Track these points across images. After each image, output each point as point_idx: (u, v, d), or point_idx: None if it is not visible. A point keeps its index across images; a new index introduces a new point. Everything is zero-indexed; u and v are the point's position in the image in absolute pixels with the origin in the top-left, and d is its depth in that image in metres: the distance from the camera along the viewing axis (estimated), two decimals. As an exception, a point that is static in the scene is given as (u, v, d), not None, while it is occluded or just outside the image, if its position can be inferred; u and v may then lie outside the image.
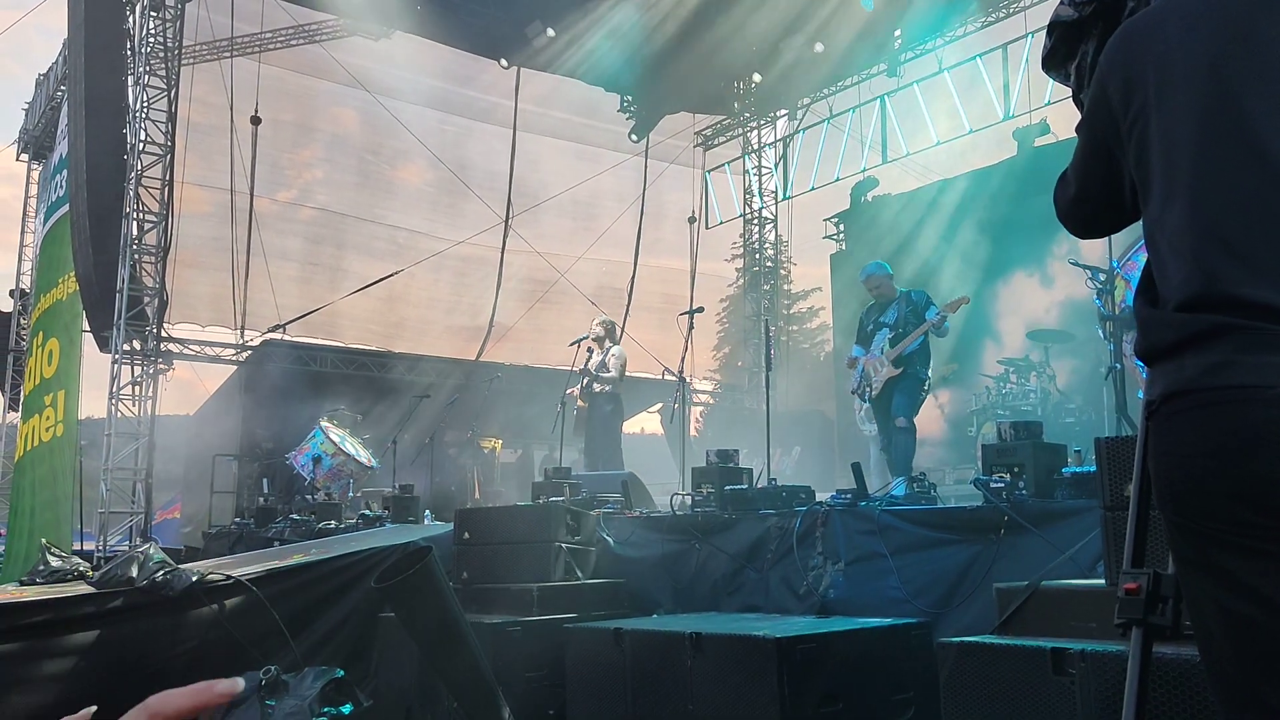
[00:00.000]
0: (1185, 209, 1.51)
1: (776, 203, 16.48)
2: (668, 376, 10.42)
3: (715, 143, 16.87)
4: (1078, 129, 1.77)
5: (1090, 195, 1.78)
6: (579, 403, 9.42)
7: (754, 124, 16.48)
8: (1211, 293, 1.44)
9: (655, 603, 5.62)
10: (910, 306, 7.59)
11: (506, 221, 15.45)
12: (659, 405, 14.24)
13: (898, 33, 13.19)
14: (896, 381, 7.52)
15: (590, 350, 9.56)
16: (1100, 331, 7.52)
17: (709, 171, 16.64)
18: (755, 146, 16.56)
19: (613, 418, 9.43)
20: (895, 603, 4.57)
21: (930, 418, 8.52)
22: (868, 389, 7.72)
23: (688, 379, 9.42)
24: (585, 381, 9.39)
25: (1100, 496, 3.45)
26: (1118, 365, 6.75)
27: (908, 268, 11.61)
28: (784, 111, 15.99)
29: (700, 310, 9.21)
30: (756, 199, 16.51)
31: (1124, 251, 7.98)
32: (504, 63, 14.38)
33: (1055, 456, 4.64)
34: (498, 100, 15.35)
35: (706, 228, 16.66)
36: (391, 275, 14.54)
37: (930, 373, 7.77)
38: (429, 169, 15.12)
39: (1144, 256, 1.63)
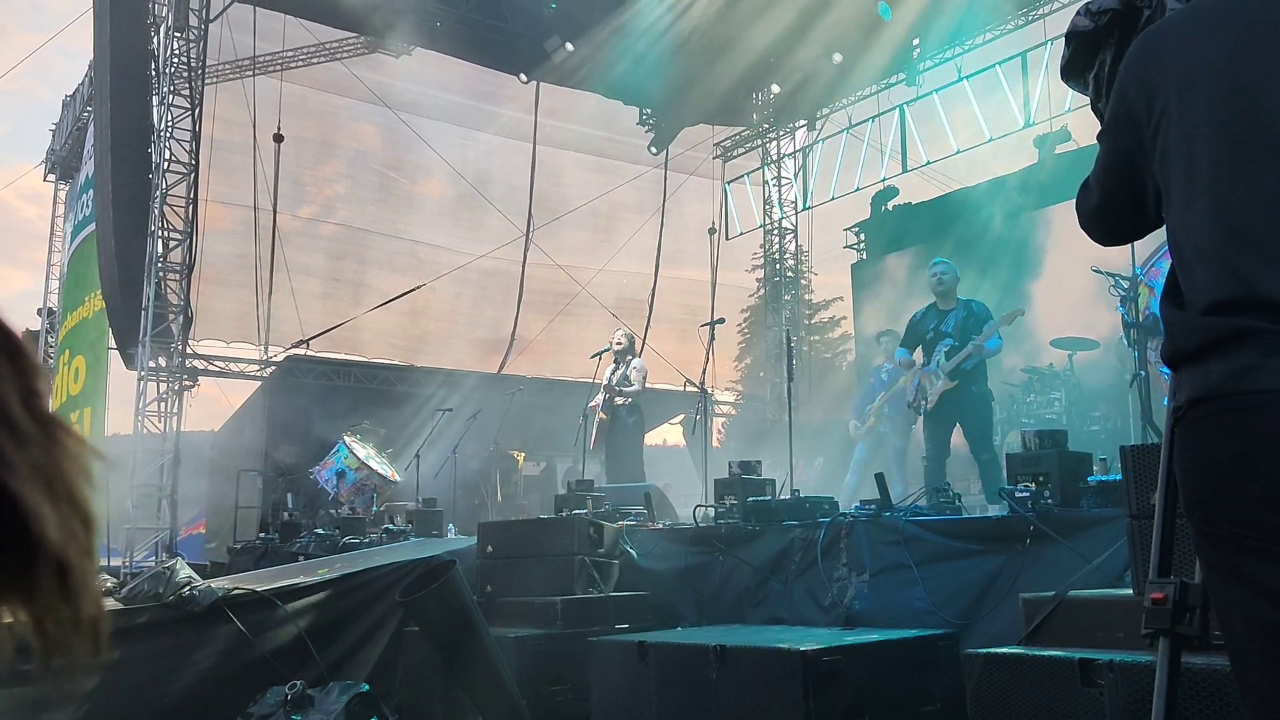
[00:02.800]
0: (1208, 211, 1.51)
1: (796, 213, 16.46)
2: (689, 388, 10.41)
3: (735, 154, 16.89)
4: (1099, 137, 1.77)
5: (1114, 202, 1.78)
6: (600, 415, 9.43)
7: (773, 135, 16.48)
8: (1238, 295, 1.43)
9: (679, 615, 5.61)
10: (972, 318, 7.28)
11: (527, 235, 15.51)
12: (680, 416, 14.23)
13: (916, 42, 13.17)
14: (957, 402, 7.17)
15: (614, 363, 9.59)
16: (1124, 338, 7.46)
17: (728, 183, 16.65)
18: (774, 157, 16.57)
19: (635, 430, 9.44)
20: (921, 614, 4.55)
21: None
22: (923, 402, 7.40)
23: (709, 390, 9.42)
24: (607, 394, 9.41)
25: (1126, 505, 3.43)
26: (1142, 372, 6.70)
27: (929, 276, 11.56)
28: (803, 122, 16.00)
29: (721, 321, 9.21)
30: (776, 209, 16.50)
31: (1147, 258, 7.93)
32: (523, 77, 14.46)
33: (1080, 465, 4.61)
34: (517, 115, 15.43)
35: (727, 239, 16.66)
36: (413, 290, 14.61)
37: (990, 385, 7.42)
38: (449, 184, 15.21)
39: (1168, 262, 1.63)
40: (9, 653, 0.48)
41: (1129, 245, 6.89)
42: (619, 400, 9.35)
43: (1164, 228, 1.67)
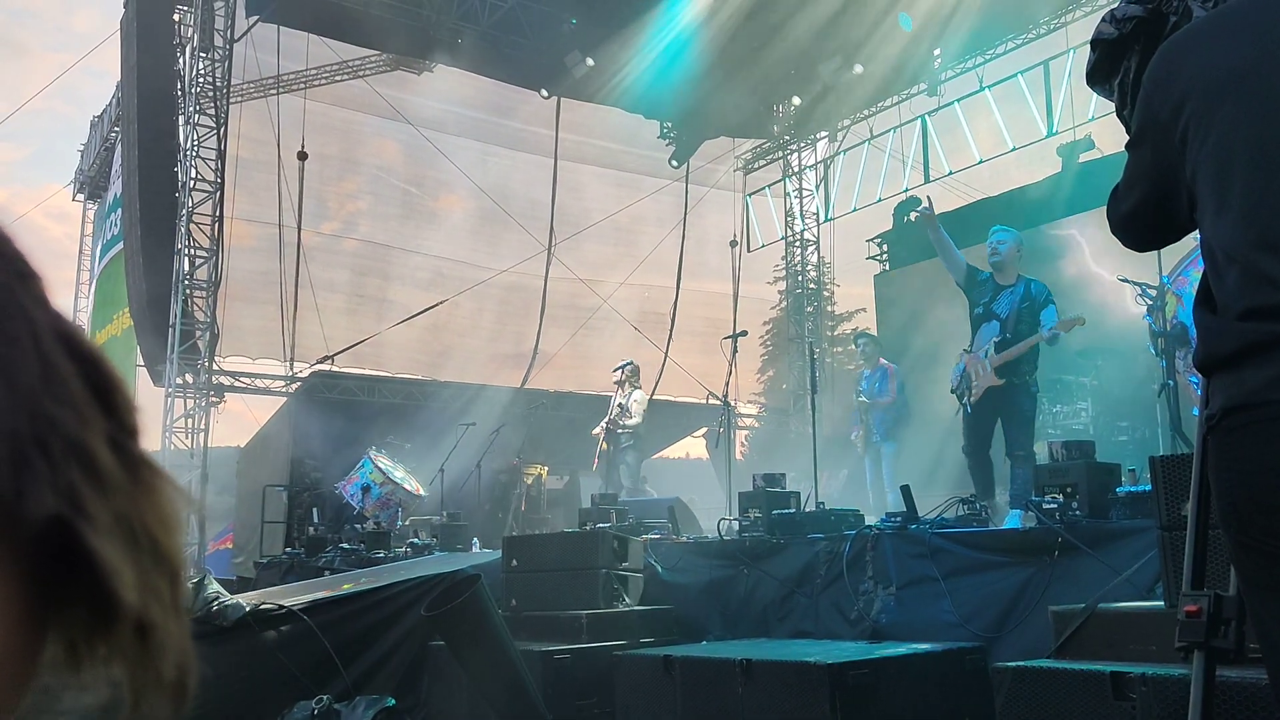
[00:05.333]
0: (1240, 217, 1.50)
1: (818, 224, 16.43)
2: (712, 400, 10.43)
3: (756, 166, 16.89)
4: (1128, 146, 1.76)
5: (1145, 209, 1.77)
6: (602, 445, 9.79)
7: (794, 147, 16.47)
8: (1273, 301, 1.42)
9: (704, 629, 5.59)
10: (1028, 301, 6.58)
11: (549, 249, 15.56)
12: (703, 429, 14.20)
13: (937, 52, 13.15)
14: (1002, 397, 6.54)
15: (618, 390, 10.00)
16: (1152, 348, 7.39)
17: (750, 195, 16.65)
18: (796, 169, 16.56)
19: (629, 455, 9.82)
20: (948, 627, 4.51)
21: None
22: (967, 393, 6.73)
23: (732, 403, 9.41)
24: (607, 424, 9.76)
25: (1156, 516, 3.39)
26: (1171, 382, 6.63)
27: (953, 287, 11.50)
28: (824, 134, 15.98)
29: (743, 334, 9.22)
30: (798, 221, 16.49)
31: (1174, 267, 7.85)
32: (544, 93, 14.53)
33: (1109, 476, 4.58)
34: (538, 130, 15.50)
35: (748, 251, 16.65)
36: (436, 305, 14.68)
37: (1038, 378, 6.81)
38: (471, 199, 15.29)
39: (1195, 272, 1.62)
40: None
41: (1156, 254, 6.83)
42: (620, 431, 9.72)
43: (1195, 233, 1.66)
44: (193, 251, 11.60)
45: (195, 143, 11.72)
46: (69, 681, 0.45)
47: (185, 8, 12.18)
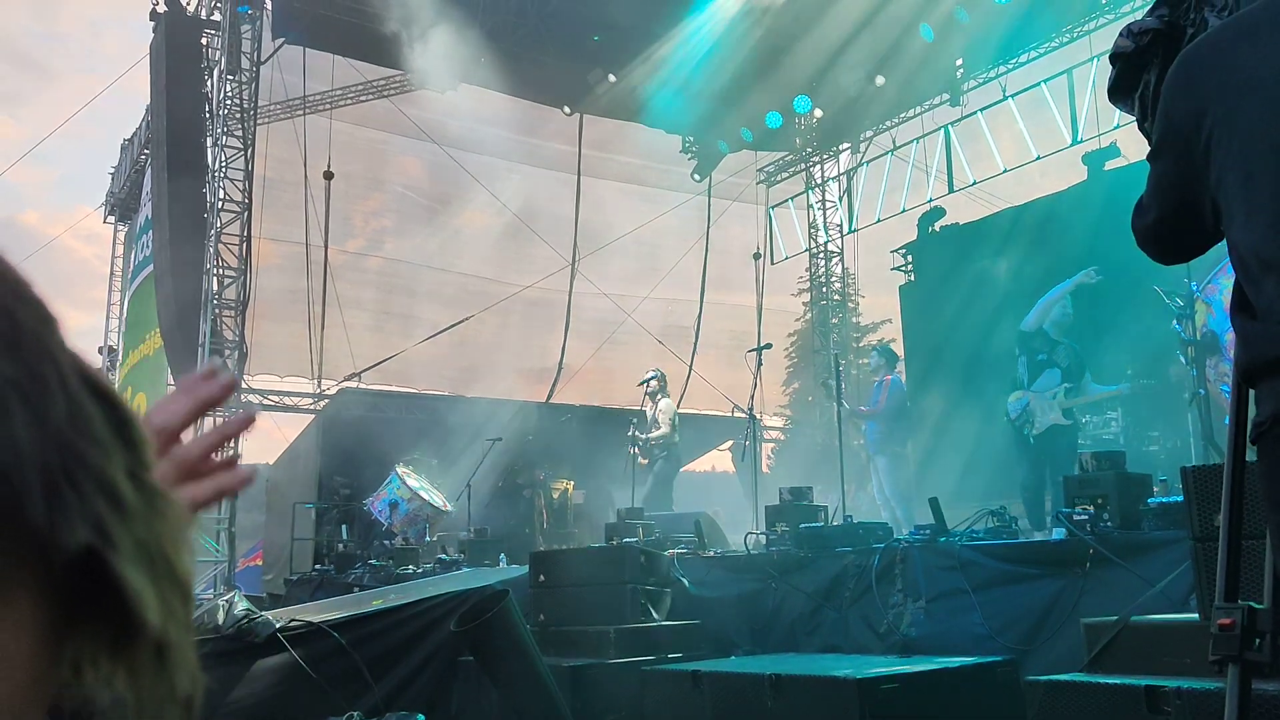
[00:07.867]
0: (1271, 221, 1.48)
1: (842, 236, 16.40)
2: (737, 414, 10.40)
3: (778, 179, 16.89)
4: (1150, 158, 1.75)
5: (1171, 220, 1.75)
6: (640, 460, 9.93)
7: (817, 158, 16.46)
8: None
9: (732, 643, 5.58)
10: (1076, 359, 7.77)
11: (573, 265, 15.62)
12: (729, 443, 14.17)
13: (959, 61, 13.11)
14: (1063, 434, 7.62)
15: (646, 402, 10.14)
16: (1181, 357, 7.32)
17: (772, 207, 16.65)
18: (819, 181, 16.54)
19: (665, 471, 9.91)
20: (979, 640, 4.48)
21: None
22: (1028, 427, 7.72)
23: (757, 416, 9.39)
24: (640, 440, 9.89)
25: (1189, 527, 3.36)
26: (1201, 391, 6.57)
27: (980, 297, 11.44)
28: (846, 145, 15.97)
29: (768, 347, 9.21)
30: (822, 233, 16.46)
31: (1204, 275, 7.77)
32: (567, 110, 14.62)
33: (1140, 487, 4.54)
34: (561, 146, 15.59)
35: (772, 263, 16.64)
36: (462, 321, 14.76)
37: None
38: (495, 216, 15.38)
39: (1224, 279, 1.61)
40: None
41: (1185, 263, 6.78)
42: (651, 444, 9.86)
43: (1223, 242, 1.65)
44: (221, 271, 11.73)
45: (223, 164, 11.87)
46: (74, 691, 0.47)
47: (213, 31, 12.36)
